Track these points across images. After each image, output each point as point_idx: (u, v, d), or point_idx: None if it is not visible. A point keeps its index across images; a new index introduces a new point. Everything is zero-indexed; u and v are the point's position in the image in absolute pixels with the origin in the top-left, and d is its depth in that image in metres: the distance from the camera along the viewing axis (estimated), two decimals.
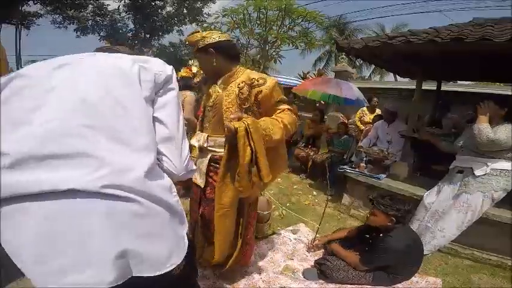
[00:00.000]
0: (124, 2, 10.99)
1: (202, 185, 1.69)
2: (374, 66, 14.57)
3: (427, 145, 3.06)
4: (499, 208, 2.34)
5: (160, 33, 12.11)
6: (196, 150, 1.78)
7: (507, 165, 2.28)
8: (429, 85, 4.56)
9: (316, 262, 2.09)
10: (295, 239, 2.53)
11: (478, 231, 2.34)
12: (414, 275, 2.00)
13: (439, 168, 3.06)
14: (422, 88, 3.39)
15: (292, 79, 10.56)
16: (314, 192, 3.86)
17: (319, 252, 2.34)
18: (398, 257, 1.85)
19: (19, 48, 10.78)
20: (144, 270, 0.74)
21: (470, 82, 6.78)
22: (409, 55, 2.89)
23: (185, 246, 0.86)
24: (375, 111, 5.20)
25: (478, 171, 2.34)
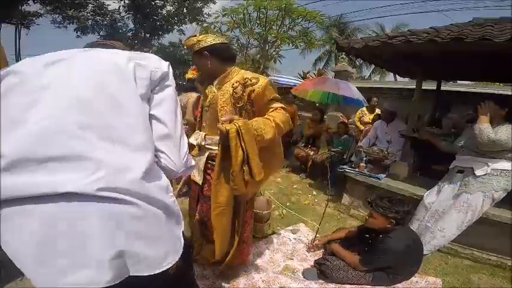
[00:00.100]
0: (124, 2, 10.99)
1: (200, 182, 1.74)
2: (374, 66, 14.57)
3: (427, 145, 3.05)
4: (499, 208, 2.34)
5: (161, 33, 12.11)
6: (196, 149, 1.82)
7: (507, 165, 2.28)
8: (429, 85, 4.56)
9: (316, 262, 2.09)
10: (295, 238, 2.53)
11: (477, 231, 2.34)
12: (414, 275, 2.00)
13: (439, 168, 3.06)
14: (422, 88, 3.39)
15: (292, 79, 10.56)
16: (314, 192, 3.85)
17: (319, 252, 2.34)
18: (398, 257, 1.85)
19: (19, 47, 10.80)
20: (141, 269, 0.75)
21: (470, 82, 6.78)
22: (409, 55, 2.89)
23: (181, 246, 0.87)
24: (374, 111, 5.18)
25: (478, 171, 2.34)
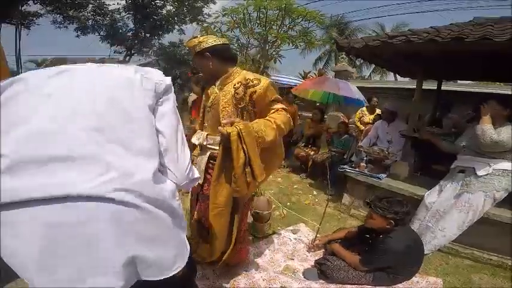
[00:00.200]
0: (126, 1, 10.99)
1: (200, 182, 1.74)
2: (374, 66, 14.58)
3: (428, 145, 3.05)
4: (499, 208, 2.34)
5: (161, 33, 12.08)
6: (197, 148, 1.83)
7: (509, 165, 2.29)
8: (430, 85, 4.55)
9: (316, 262, 2.09)
10: (296, 238, 2.53)
11: (478, 231, 2.34)
12: (415, 275, 2.00)
13: (439, 168, 3.06)
14: (423, 88, 3.38)
15: (292, 78, 10.57)
16: (314, 192, 3.85)
17: (319, 252, 2.33)
18: (398, 257, 1.85)
19: (19, 48, 10.79)
20: (151, 274, 0.75)
21: (470, 82, 6.76)
22: (409, 55, 2.88)
23: (187, 250, 0.87)
24: (374, 112, 5.18)
25: (480, 171, 2.34)
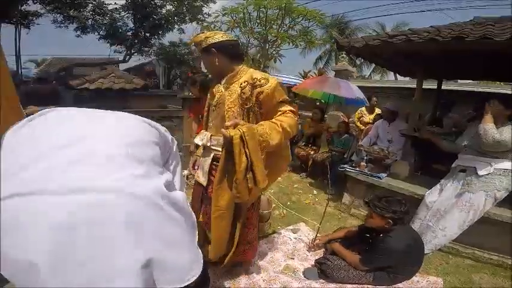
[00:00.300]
0: (125, 1, 10.97)
1: (204, 184, 1.70)
2: (374, 65, 14.56)
3: (428, 144, 3.05)
4: (499, 207, 2.34)
5: (160, 32, 12.05)
6: (200, 149, 1.79)
7: (510, 165, 2.28)
8: (430, 84, 4.55)
9: (316, 261, 2.09)
10: (296, 238, 2.53)
11: (479, 231, 2.33)
12: (415, 275, 2.00)
13: (439, 168, 3.06)
14: (423, 87, 3.38)
15: (293, 78, 10.57)
16: (314, 192, 3.85)
17: (319, 252, 2.34)
18: (398, 257, 1.85)
19: (19, 47, 10.78)
20: (167, 282, 0.71)
21: (471, 81, 6.76)
22: (409, 54, 2.88)
23: (201, 257, 0.84)
24: (374, 111, 5.17)
25: (481, 171, 2.34)
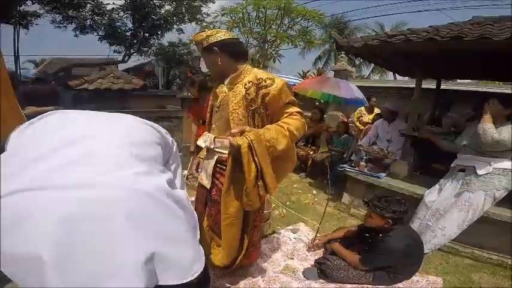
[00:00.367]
0: (124, 1, 10.97)
1: (208, 186, 1.67)
2: (373, 65, 14.57)
3: (427, 144, 3.05)
4: (499, 207, 2.34)
5: (159, 32, 12.04)
6: (203, 151, 1.77)
7: (509, 164, 2.29)
8: (429, 84, 4.56)
9: (316, 261, 2.09)
10: (295, 238, 2.52)
11: (478, 230, 2.34)
12: (415, 274, 2.00)
13: (439, 167, 3.06)
14: (422, 87, 3.38)
15: (292, 78, 10.55)
16: (314, 191, 3.85)
17: (319, 252, 2.33)
18: (398, 256, 1.85)
19: (17, 48, 10.77)
20: (171, 277, 0.71)
21: (470, 81, 6.77)
22: (408, 54, 2.88)
23: (203, 254, 0.85)
24: (373, 111, 5.18)
25: (480, 170, 2.34)
